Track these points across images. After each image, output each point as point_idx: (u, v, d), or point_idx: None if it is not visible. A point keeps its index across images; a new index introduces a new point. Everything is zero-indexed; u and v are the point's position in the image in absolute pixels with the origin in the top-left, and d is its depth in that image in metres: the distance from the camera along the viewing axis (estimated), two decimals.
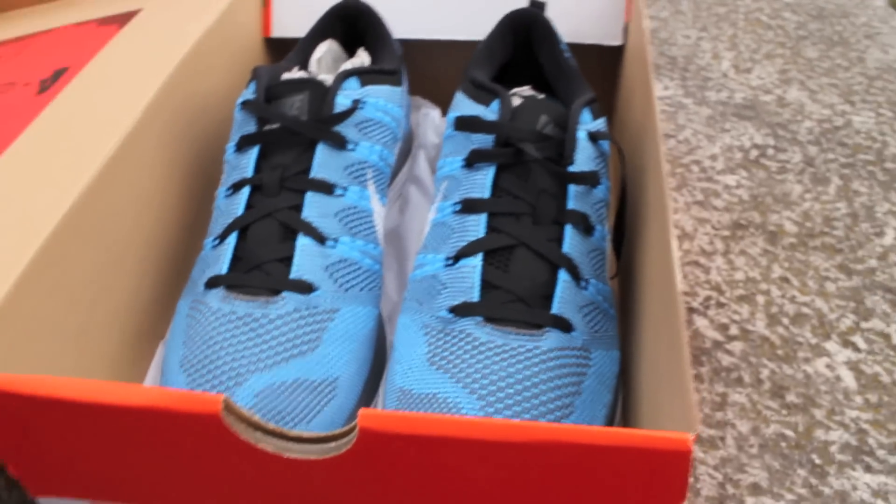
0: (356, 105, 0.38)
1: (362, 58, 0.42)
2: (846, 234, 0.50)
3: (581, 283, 0.34)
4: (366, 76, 0.39)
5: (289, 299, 0.34)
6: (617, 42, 0.48)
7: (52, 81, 0.38)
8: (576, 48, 0.49)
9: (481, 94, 0.37)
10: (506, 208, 0.34)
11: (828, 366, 0.42)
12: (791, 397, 0.40)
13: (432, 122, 0.51)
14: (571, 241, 0.34)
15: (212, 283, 0.35)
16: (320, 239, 0.35)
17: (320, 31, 0.45)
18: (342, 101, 0.37)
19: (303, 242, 0.35)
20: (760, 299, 0.46)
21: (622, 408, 0.36)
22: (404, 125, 0.43)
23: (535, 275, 0.33)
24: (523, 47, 0.44)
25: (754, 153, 0.56)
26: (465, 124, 0.36)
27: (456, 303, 0.33)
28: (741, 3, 0.76)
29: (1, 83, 0.40)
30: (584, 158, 0.35)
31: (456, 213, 0.35)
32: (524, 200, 0.34)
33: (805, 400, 0.40)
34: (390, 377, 0.34)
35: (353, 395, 0.34)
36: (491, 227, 0.34)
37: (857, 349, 0.43)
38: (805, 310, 0.45)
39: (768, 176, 0.54)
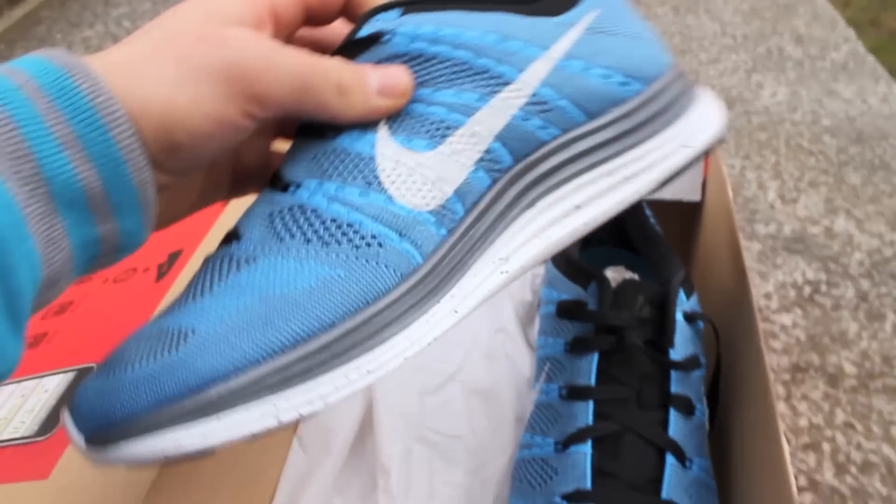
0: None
1: None
2: None
3: (686, 464, 0.35)
4: None
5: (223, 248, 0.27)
6: (696, 198, 0.51)
7: (169, 266, 0.42)
8: (655, 203, 0.51)
9: (577, 274, 0.39)
10: (611, 395, 0.36)
11: None
12: None
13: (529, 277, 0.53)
14: (676, 424, 0.36)
15: None
16: (282, 187, 0.27)
17: None
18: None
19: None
20: (826, 447, 0.47)
21: None
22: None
23: (644, 461, 0.35)
24: None
25: (808, 290, 0.58)
26: (567, 312, 0.38)
27: (569, 490, 0.34)
28: (781, 128, 0.79)
29: (122, 270, 0.43)
30: (682, 340, 0.37)
31: (562, 397, 0.37)
32: (629, 386, 0.36)
33: None
34: None
35: None
36: (598, 414, 0.36)
37: None
38: (872, 457, 0.46)
39: (823, 314, 0.56)
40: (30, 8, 1.41)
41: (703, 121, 0.29)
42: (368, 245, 0.26)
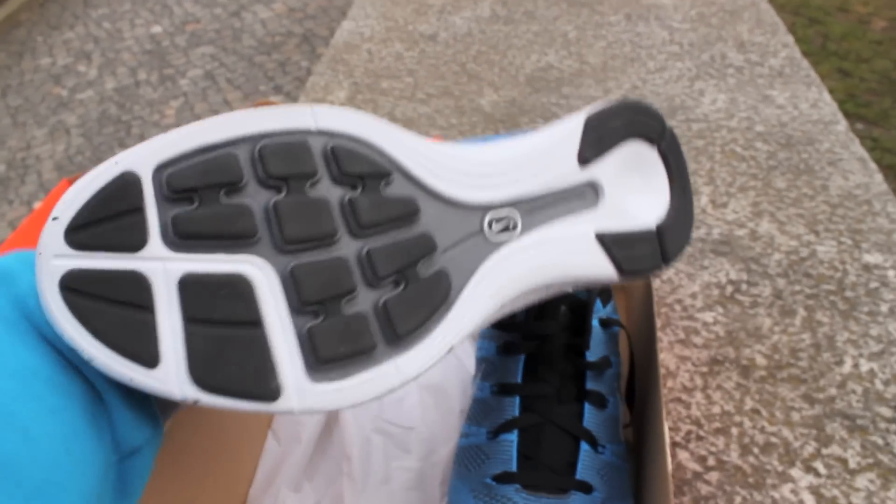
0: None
1: None
2: (810, 365, 0.58)
3: (599, 450, 0.42)
4: None
5: None
6: None
7: None
8: None
9: None
10: (535, 391, 0.42)
11: (792, 491, 0.50)
12: None
13: None
14: (590, 415, 0.42)
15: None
16: None
17: None
18: None
19: None
20: (734, 431, 0.54)
21: None
22: None
23: (562, 447, 0.41)
24: None
25: (729, 289, 0.65)
26: (499, 323, 0.45)
27: (497, 472, 0.41)
28: (718, 135, 0.85)
29: None
30: (597, 343, 0.44)
31: (493, 393, 0.44)
32: (550, 384, 0.43)
33: None
34: None
35: None
36: (523, 407, 0.42)
37: (818, 474, 0.51)
38: (773, 439, 0.53)
39: (742, 311, 0.63)
40: (9, 11, 1.44)
41: None
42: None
